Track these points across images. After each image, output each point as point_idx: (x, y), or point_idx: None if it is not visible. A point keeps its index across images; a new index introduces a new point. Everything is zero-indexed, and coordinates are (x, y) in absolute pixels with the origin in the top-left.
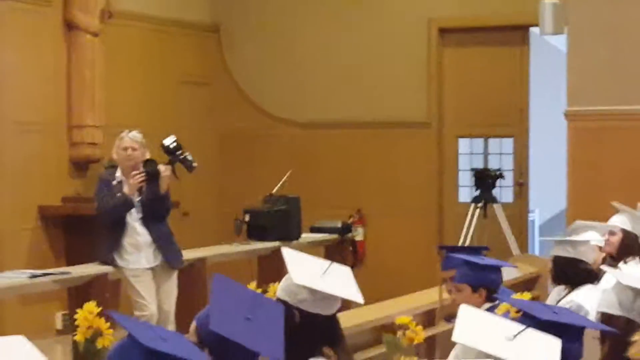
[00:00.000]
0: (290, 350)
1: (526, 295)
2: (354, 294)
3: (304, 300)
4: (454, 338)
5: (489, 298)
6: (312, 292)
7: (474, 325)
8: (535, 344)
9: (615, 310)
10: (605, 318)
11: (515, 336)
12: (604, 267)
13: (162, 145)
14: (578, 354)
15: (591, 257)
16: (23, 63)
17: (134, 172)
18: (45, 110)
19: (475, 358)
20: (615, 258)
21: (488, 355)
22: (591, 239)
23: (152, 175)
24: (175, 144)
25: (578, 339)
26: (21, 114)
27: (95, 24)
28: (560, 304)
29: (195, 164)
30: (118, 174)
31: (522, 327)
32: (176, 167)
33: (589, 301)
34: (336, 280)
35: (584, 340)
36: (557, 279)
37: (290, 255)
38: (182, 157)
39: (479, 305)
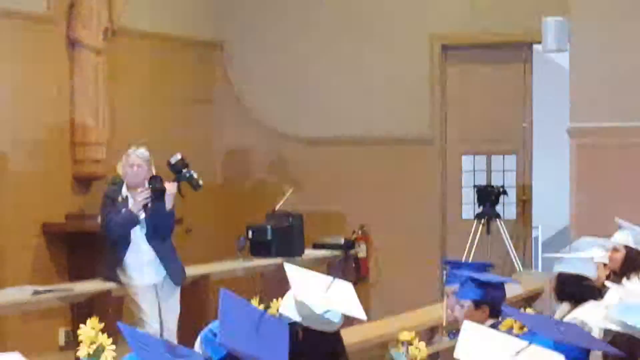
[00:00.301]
0: None
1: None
2: (357, 310)
3: (307, 317)
4: (456, 355)
5: (493, 314)
6: (315, 308)
7: (476, 341)
8: None
9: (619, 328)
10: (610, 336)
11: (518, 353)
12: (608, 284)
13: (169, 163)
14: None
15: (594, 273)
16: (26, 80)
17: (140, 189)
18: (49, 128)
19: None
20: (618, 274)
21: None
22: (594, 256)
23: (158, 193)
24: (181, 162)
25: (582, 357)
26: (25, 131)
27: (99, 41)
28: (564, 320)
29: (201, 183)
30: (124, 190)
31: (525, 343)
32: (182, 185)
33: (592, 317)
34: (339, 297)
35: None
36: (561, 296)
37: (293, 271)
38: (188, 175)
39: (482, 322)
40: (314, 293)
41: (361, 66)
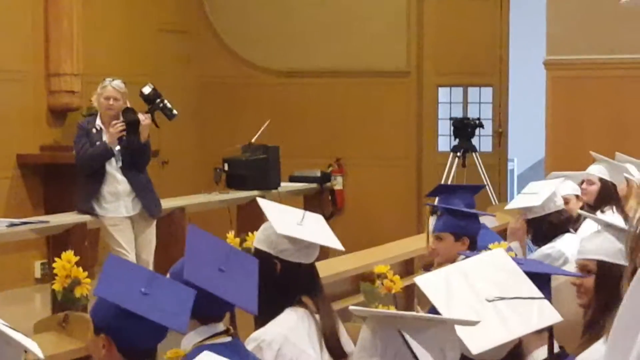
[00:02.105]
0: (270, 300)
1: (503, 245)
2: (334, 241)
3: (285, 250)
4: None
5: (472, 247)
6: (294, 241)
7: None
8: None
9: (615, 259)
10: (605, 266)
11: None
12: (582, 212)
13: (141, 94)
14: None
15: (560, 205)
16: (1, 12)
17: (114, 122)
18: (24, 59)
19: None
20: (593, 207)
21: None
22: (553, 189)
23: (132, 125)
24: (153, 92)
25: (545, 288)
26: None
27: None
28: (542, 249)
29: (175, 112)
30: (98, 122)
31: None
32: (156, 116)
33: (569, 249)
34: (315, 229)
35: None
36: (536, 240)
37: (267, 205)
38: (161, 105)
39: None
40: (292, 226)
41: None
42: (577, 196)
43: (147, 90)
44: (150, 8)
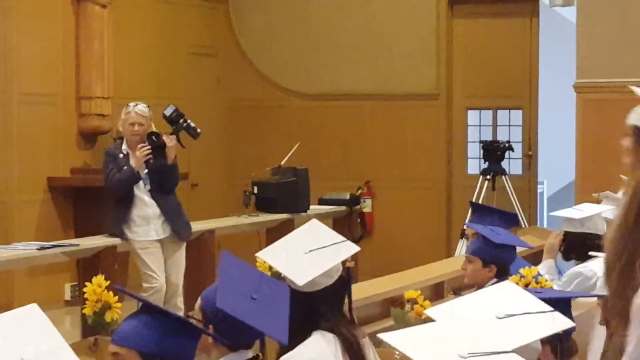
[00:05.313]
0: (295, 325)
1: (533, 271)
2: (349, 246)
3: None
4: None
5: (499, 275)
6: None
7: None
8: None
9: None
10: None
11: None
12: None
13: (164, 116)
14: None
15: (602, 229)
16: (32, 34)
17: (140, 145)
18: (54, 82)
19: None
20: None
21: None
22: (602, 211)
23: (158, 148)
24: (176, 113)
25: (567, 314)
26: (30, 85)
27: None
28: (574, 268)
29: (199, 130)
30: (124, 146)
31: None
32: (181, 136)
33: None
34: (324, 252)
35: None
36: (567, 254)
37: (274, 261)
38: (185, 125)
39: (487, 281)
40: (305, 270)
41: (367, 21)
42: None
43: (169, 111)
44: (180, 31)
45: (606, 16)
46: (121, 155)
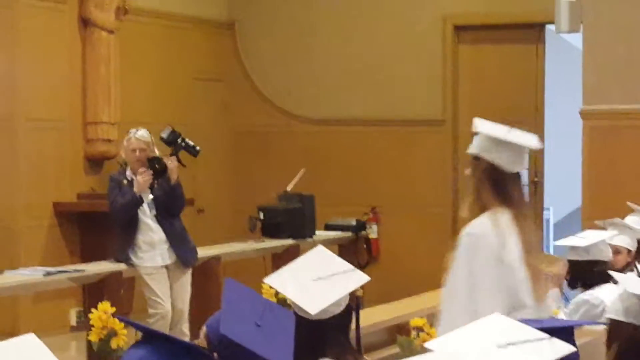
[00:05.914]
0: (301, 353)
1: None
2: (357, 275)
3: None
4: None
5: None
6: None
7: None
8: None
9: (622, 317)
10: (613, 325)
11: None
12: (611, 273)
13: (161, 139)
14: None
15: (607, 255)
16: (38, 60)
17: (141, 170)
18: (61, 107)
19: None
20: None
21: None
22: (606, 238)
23: (160, 172)
24: (172, 134)
25: (570, 341)
26: (36, 110)
27: (111, 20)
28: (580, 296)
29: (198, 148)
30: (128, 172)
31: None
32: (181, 156)
33: (609, 297)
34: (334, 280)
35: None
36: (572, 283)
37: (289, 291)
38: (183, 145)
39: None
40: (317, 301)
41: (373, 46)
42: (629, 251)
43: (165, 133)
44: (186, 56)
45: (612, 42)
46: (125, 182)
